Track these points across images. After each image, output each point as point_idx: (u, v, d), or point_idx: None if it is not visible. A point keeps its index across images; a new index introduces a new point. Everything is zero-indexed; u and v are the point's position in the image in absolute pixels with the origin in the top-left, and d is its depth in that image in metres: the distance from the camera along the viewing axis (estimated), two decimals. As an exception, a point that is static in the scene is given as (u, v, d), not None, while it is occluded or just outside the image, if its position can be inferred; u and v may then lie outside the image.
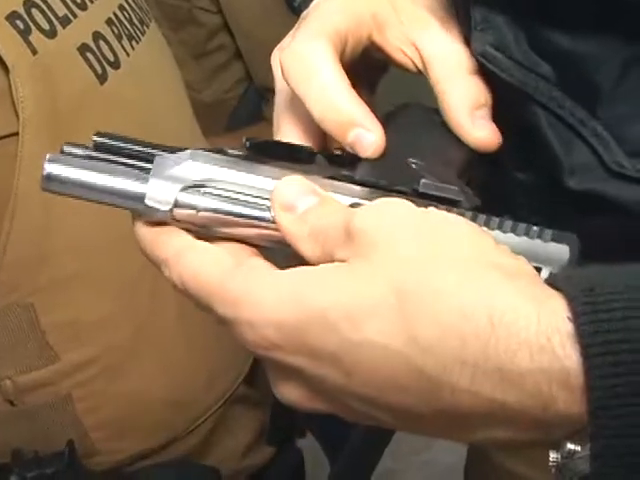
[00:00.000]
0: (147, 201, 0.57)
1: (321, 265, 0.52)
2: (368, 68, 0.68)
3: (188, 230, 0.57)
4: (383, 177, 0.58)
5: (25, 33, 1.01)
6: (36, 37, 1.02)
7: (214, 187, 0.57)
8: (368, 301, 0.50)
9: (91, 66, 1.07)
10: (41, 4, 1.04)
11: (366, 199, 0.56)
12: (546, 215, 0.65)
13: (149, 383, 1.12)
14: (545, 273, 0.54)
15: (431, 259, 0.50)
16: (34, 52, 1.01)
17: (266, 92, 1.68)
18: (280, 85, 0.65)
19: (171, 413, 1.14)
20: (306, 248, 0.54)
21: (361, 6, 0.65)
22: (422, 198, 0.57)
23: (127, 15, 1.15)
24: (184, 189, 0.57)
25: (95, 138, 0.58)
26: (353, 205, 0.56)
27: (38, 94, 1.01)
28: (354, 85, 0.62)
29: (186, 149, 0.58)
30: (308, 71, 0.61)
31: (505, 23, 0.63)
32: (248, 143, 0.57)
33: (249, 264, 0.54)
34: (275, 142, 0.62)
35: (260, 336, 0.52)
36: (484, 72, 0.64)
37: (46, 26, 1.04)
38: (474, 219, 0.55)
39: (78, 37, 1.07)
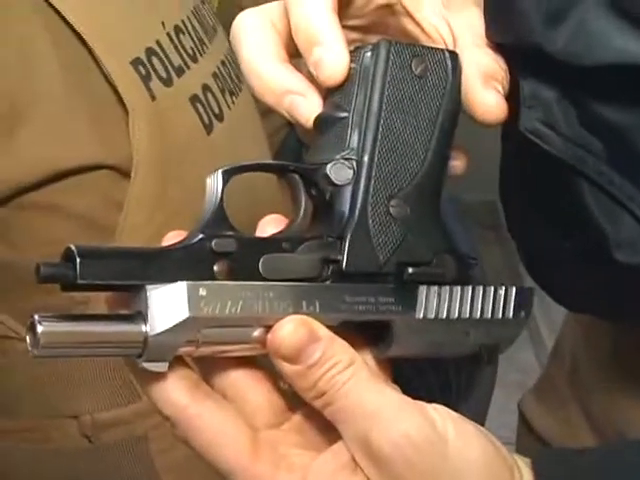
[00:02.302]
0: (145, 364, 0.55)
1: None
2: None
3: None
4: (367, 255, 0.59)
5: (146, 79, 1.04)
6: (155, 84, 1.05)
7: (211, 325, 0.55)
8: None
9: (200, 116, 1.09)
10: (160, 53, 1.07)
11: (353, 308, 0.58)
12: (593, 280, 0.66)
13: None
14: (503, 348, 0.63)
15: None
16: (153, 98, 1.04)
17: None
18: None
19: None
20: (310, 398, 0.57)
21: None
22: (408, 283, 0.59)
23: (227, 70, 1.18)
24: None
25: (79, 262, 0.53)
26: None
27: (152, 139, 1.03)
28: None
29: (177, 279, 0.55)
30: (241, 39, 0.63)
31: (554, 99, 0.62)
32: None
33: (267, 447, 0.57)
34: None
35: None
36: (529, 142, 0.63)
37: (164, 74, 1.06)
38: (451, 293, 0.60)
39: (190, 87, 1.10)
